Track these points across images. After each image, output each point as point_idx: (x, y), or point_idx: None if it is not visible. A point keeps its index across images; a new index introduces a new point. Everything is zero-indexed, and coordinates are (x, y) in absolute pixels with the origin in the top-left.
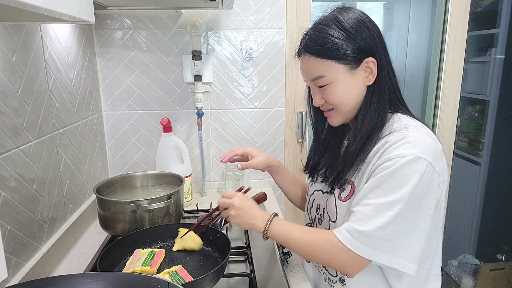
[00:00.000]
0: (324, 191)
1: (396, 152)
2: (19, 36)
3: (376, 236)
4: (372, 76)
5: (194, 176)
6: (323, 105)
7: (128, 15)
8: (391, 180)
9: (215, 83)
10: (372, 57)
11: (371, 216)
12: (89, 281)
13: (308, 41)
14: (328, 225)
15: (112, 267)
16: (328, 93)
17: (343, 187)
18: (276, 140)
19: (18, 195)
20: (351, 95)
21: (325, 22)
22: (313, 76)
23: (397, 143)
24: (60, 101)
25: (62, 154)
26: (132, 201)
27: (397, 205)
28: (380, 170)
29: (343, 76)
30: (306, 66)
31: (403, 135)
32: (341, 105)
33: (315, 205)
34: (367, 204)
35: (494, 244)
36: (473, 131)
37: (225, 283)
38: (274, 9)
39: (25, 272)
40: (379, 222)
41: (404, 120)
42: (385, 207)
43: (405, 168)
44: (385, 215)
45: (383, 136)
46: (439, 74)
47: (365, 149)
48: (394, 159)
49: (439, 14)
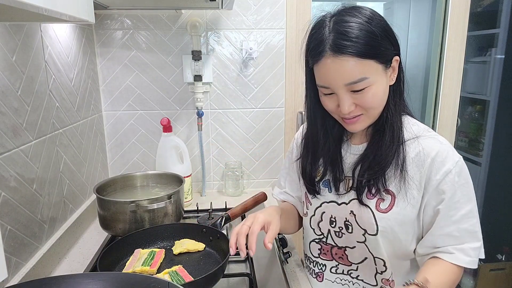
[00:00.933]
0: (340, 202)
1: (450, 162)
2: (19, 36)
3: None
4: (394, 75)
5: (194, 176)
6: (353, 111)
7: (128, 15)
8: (461, 189)
9: (215, 83)
10: (398, 56)
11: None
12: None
13: (349, 40)
14: (363, 238)
15: (112, 267)
16: (366, 96)
17: (381, 197)
18: (276, 140)
19: (18, 195)
20: (385, 97)
21: (357, 21)
22: (352, 80)
23: (442, 152)
24: (60, 101)
25: (62, 154)
26: (132, 201)
27: (475, 208)
28: (446, 184)
29: (381, 77)
30: (344, 69)
31: (439, 141)
32: (376, 108)
33: (328, 218)
34: (456, 222)
35: (494, 244)
36: (473, 131)
37: (225, 283)
38: (274, 9)
39: (25, 272)
40: (477, 230)
41: (419, 123)
42: (470, 215)
43: (462, 173)
44: (475, 222)
45: (409, 139)
46: (439, 74)
47: (397, 152)
48: (453, 169)
49: (439, 14)
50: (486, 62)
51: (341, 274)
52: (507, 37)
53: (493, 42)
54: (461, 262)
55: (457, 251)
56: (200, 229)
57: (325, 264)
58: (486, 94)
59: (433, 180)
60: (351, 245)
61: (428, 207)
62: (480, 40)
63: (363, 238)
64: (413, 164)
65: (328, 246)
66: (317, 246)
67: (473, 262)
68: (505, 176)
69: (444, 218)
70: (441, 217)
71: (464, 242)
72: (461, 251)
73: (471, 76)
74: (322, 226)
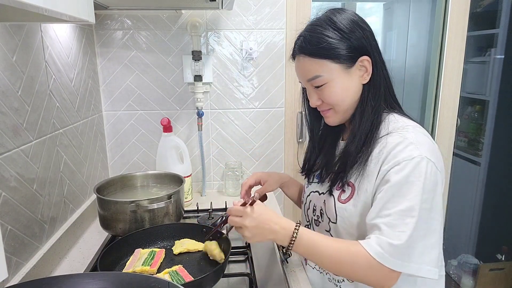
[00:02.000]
0: (320, 192)
1: (403, 155)
2: (19, 36)
3: (405, 247)
4: (367, 74)
5: (194, 176)
6: (320, 106)
7: (128, 15)
8: (406, 185)
9: (215, 83)
10: (366, 56)
11: (396, 226)
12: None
13: (303, 42)
14: (328, 226)
15: (112, 267)
16: (325, 93)
17: (343, 189)
18: (276, 140)
19: (19, 195)
20: (348, 94)
21: (318, 23)
22: (309, 77)
23: (400, 145)
24: (60, 101)
25: (62, 154)
26: (132, 201)
27: (415, 210)
28: (391, 175)
29: (339, 75)
30: (302, 67)
31: (404, 137)
32: (338, 104)
33: (312, 207)
34: (389, 215)
35: (493, 244)
36: (472, 131)
37: (225, 283)
38: (274, 9)
39: (25, 272)
40: (407, 231)
41: (401, 120)
42: (406, 214)
43: (415, 170)
44: (408, 223)
45: (381, 136)
46: (439, 74)
47: (365, 149)
48: (403, 162)
49: (439, 14)
50: (485, 62)
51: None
52: (507, 37)
53: (493, 42)
54: (370, 247)
55: (375, 238)
56: (200, 229)
57: None
58: (486, 94)
59: (382, 170)
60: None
61: (374, 196)
62: (480, 40)
63: (329, 227)
64: (374, 160)
65: None
66: None
67: (382, 255)
68: (505, 176)
69: (378, 207)
70: (376, 205)
71: (385, 235)
72: (376, 239)
73: (471, 76)
74: (308, 214)
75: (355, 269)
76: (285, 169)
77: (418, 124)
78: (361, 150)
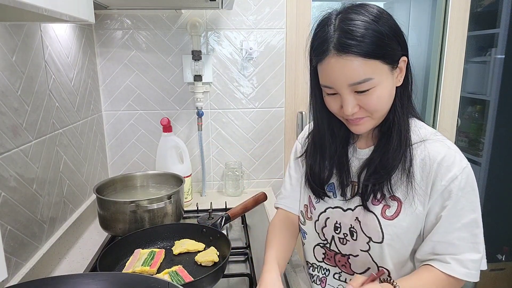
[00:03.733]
0: (346, 208)
1: (457, 168)
2: (19, 36)
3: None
4: (401, 76)
5: (194, 176)
6: (357, 113)
7: (128, 15)
8: (467, 196)
9: (215, 83)
10: (405, 56)
11: (469, 239)
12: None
13: (354, 39)
14: (367, 246)
15: (112, 267)
16: (370, 98)
17: (387, 203)
18: (276, 140)
19: (18, 195)
20: (390, 98)
21: (364, 19)
22: (356, 80)
23: (449, 157)
24: (60, 101)
25: (62, 154)
26: (132, 201)
27: (478, 216)
28: (452, 191)
29: (388, 77)
30: (348, 69)
31: (447, 146)
32: (381, 110)
33: (332, 224)
34: (460, 229)
35: (494, 244)
36: (473, 131)
37: (225, 283)
38: (274, 9)
39: (25, 272)
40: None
41: (426, 126)
42: (473, 225)
43: (469, 180)
44: (478, 233)
45: (415, 143)
46: (439, 74)
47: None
48: (459, 175)
49: (439, 14)
50: (486, 62)
51: (343, 282)
52: (507, 37)
53: (493, 42)
54: (456, 273)
55: (454, 261)
56: (200, 229)
57: (329, 269)
58: (486, 94)
59: (438, 185)
60: (355, 253)
61: (431, 213)
62: (480, 40)
63: (367, 246)
64: (419, 169)
65: (332, 253)
66: (321, 250)
67: (470, 274)
68: (505, 176)
69: (445, 225)
70: (442, 223)
71: (462, 252)
72: (458, 262)
73: (471, 76)
74: (326, 232)
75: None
76: (285, 169)
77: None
78: (398, 158)
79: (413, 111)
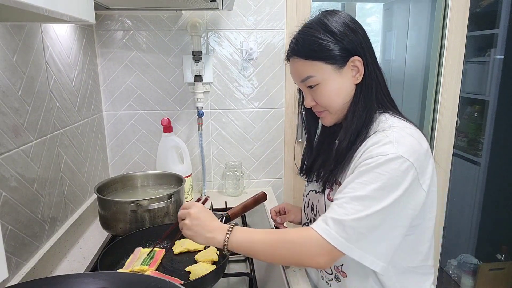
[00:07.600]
0: (317, 191)
1: (378, 151)
2: (20, 36)
3: (351, 227)
4: (359, 74)
5: (194, 176)
6: (315, 107)
7: (129, 16)
8: (370, 174)
9: (215, 83)
10: (358, 56)
11: (346, 207)
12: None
13: (295, 44)
14: None
15: (112, 266)
16: (318, 93)
17: (332, 187)
18: (276, 140)
19: (19, 195)
20: (341, 94)
21: (311, 26)
22: (302, 77)
23: (379, 143)
24: (60, 101)
25: (62, 154)
26: (132, 201)
27: (374, 200)
28: (361, 166)
29: (331, 75)
30: (295, 68)
31: (385, 135)
32: (331, 105)
33: (310, 205)
34: (343, 197)
35: (493, 244)
36: (472, 131)
37: (225, 283)
38: (274, 10)
39: (26, 272)
40: (356, 213)
41: (390, 120)
42: (361, 200)
43: (385, 165)
44: (362, 207)
45: (369, 136)
46: (439, 74)
47: (354, 147)
48: (376, 156)
49: (438, 14)
50: (485, 62)
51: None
52: (507, 37)
53: (493, 42)
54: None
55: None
56: None
57: None
58: (486, 94)
59: (356, 162)
60: None
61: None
62: (479, 40)
63: None
64: (356, 158)
65: None
66: None
67: (328, 232)
68: (504, 176)
69: (339, 190)
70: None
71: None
72: (322, 217)
73: (471, 76)
74: (307, 212)
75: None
76: (285, 169)
77: (412, 125)
78: (351, 149)
79: (386, 106)
